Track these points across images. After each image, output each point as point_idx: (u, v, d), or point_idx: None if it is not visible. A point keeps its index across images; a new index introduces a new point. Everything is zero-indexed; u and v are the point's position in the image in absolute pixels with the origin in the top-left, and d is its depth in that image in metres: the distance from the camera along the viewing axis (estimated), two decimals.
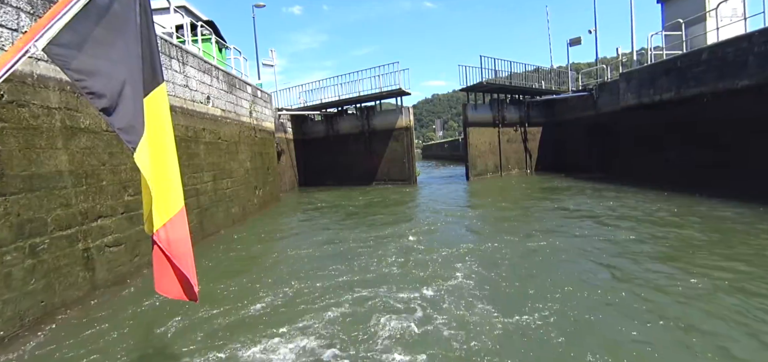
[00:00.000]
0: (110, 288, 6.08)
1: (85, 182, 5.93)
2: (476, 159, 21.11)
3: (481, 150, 21.35)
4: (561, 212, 10.64)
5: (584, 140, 20.00)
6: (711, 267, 5.63)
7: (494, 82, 20.08)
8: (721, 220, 8.34)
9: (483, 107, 21.64)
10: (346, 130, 22.48)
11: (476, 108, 21.41)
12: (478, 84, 20.09)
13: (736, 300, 4.53)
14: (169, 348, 4.28)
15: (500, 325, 4.32)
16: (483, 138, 21.37)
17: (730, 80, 11.40)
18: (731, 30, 13.09)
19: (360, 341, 4.17)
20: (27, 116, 5.05)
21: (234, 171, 11.67)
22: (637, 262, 6.13)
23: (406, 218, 11.24)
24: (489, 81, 19.83)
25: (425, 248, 7.73)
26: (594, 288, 5.21)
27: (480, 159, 21.28)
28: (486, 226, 9.76)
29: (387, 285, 5.75)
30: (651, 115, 14.64)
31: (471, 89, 20.81)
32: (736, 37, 11.52)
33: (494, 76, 20.00)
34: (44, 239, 5.12)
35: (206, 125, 10.19)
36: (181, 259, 1.91)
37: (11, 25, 4.90)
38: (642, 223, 8.64)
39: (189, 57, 9.65)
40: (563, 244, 7.44)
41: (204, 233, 9.50)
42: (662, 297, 4.80)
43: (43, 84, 5.34)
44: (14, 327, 4.60)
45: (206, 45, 13.05)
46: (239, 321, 4.84)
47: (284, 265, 7.24)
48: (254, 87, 14.88)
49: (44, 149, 5.28)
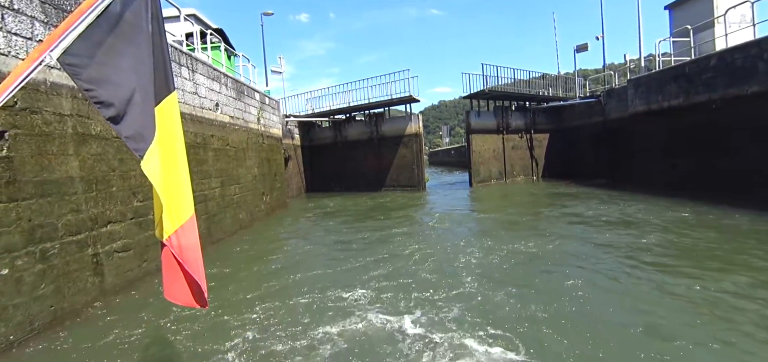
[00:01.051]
0: (119, 293, 6.13)
1: (96, 188, 6.01)
2: (479, 166, 21.19)
3: (485, 157, 21.40)
4: (571, 218, 10.54)
5: (592, 146, 19.88)
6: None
7: (496, 89, 20.15)
8: (734, 227, 8.23)
9: (487, 114, 21.68)
10: (354, 136, 22.61)
11: (479, 115, 21.46)
12: (480, 91, 20.20)
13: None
14: (178, 354, 4.30)
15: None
16: (486, 145, 21.43)
17: (739, 86, 11.29)
18: (740, 36, 12.98)
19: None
20: (40, 123, 5.13)
21: (242, 177, 11.74)
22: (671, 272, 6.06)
23: (416, 221, 11.24)
24: (491, 89, 19.90)
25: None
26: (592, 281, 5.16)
27: (483, 166, 21.34)
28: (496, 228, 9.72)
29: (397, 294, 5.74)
30: (659, 121, 14.53)
31: (473, 97, 20.90)
32: (746, 43, 11.42)
33: (496, 83, 20.07)
34: (55, 244, 5.18)
35: (215, 132, 10.28)
36: (192, 265, 1.92)
37: (25, 34, 5.00)
38: (666, 230, 8.52)
39: (198, 65, 9.76)
40: (573, 249, 7.38)
41: (212, 239, 9.55)
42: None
43: (56, 91, 5.43)
44: (24, 332, 4.65)
45: (215, 53, 13.20)
46: (247, 325, 4.84)
47: (292, 269, 7.24)
48: (262, 94, 15.00)
49: (56, 155, 5.36)
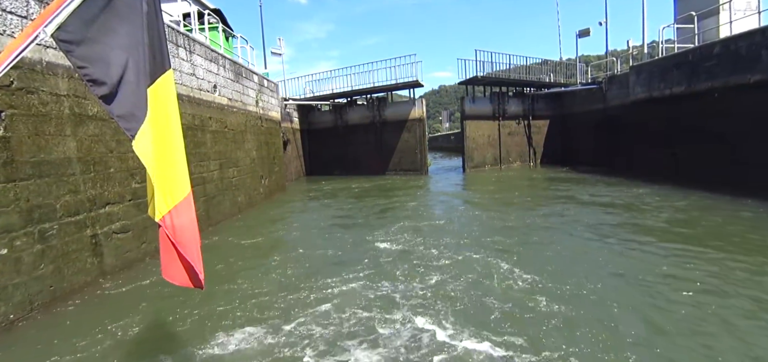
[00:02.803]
0: (118, 274, 6.17)
1: (93, 169, 5.99)
2: (473, 151, 21.34)
3: (479, 143, 21.52)
4: (556, 193, 10.59)
5: (592, 133, 19.82)
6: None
7: (490, 76, 20.12)
8: (734, 214, 8.27)
9: (482, 100, 21.66)
10: (355, 120, 22.56)
11: (474, 101, 21.44)
12: (473, 78, 20.18)
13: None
14: (177, 334, 4.35)
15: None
16: (481, 131, 21.51)
17: (742, 75, 11.20)
18: (745, 23, 12.84)
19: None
20: (36, 103, 5.10)
21: (240, 160, 11.72)
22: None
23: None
24: (485, 75, 19.87)
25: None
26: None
27: (477, 152, 21.47)
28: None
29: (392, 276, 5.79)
30: (661, 109, 14.46)
31: (468, 83, 20.90)
32: (750, 31, 11.30)
33: (491, 69, 20.02)
34: (53, 224, 5.19)
35: (213, 114, 10.22)
36: (187, 246, 1.92)
37: (20, 12, 4.93)
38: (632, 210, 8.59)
39: (196, 45, 9.65)
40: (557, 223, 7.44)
41: (210, 222, 9.57)
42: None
43: (52, 71, 5.38)
44: (24, 310, 4.69)
45: (213, 33, 13.02)
46: (245, 305, 4.88)
47: (290, 250, 7.29)
48: (260, 76, 14.87)
49: (53, 135, 5.33)
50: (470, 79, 20.39)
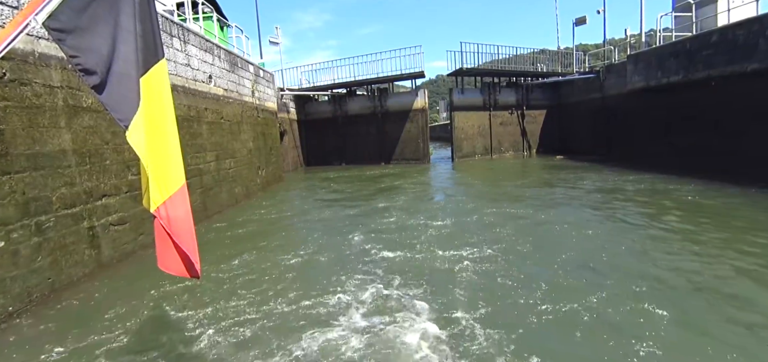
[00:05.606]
0: (116, 265, 6.17)
1: (89, 161, 5.96)
2: (462, 142, 21.50)
3: (469, 134, 21.65)
4: (540, 179, 10.63)
5: (589, 122, 19.83)
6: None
7: (477, 67, 20.22)
8: (731, 203, 8.33)
9: (472, 91, 21.67)
10: (356, 111, 22.47)
11: (463, 92, 21.45)
12: (458, 70, 20.22)
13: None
14: (175, 324, 4.36)
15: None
16: (470, 122, 21.62)
17: (739, 64, 11.20)
18: (742, 12, 12.80)
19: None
20: (29, 95, 5.05)
21: (237, 151, 11.68)
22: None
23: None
24: (470, 67, 19.98)
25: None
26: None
27: (467, 142, 21.62)
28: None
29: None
30: (658, 98, 14.46)
31: (455, 74, 20.93)
32: (747, 20, 11.28)
33: (478, 60, 20.12)
34: (49, 217, 5.18)
35: (208, 105, 10.16)
36: (182, 236, 1.92)
37: (11, 3, 4.86)
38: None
39: (190, 35, 9.56)
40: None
41: (207, 213, 9.56)
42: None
43: (45, 63, 5.32)
44: (23, 303, 4.70)
45: (207, 23, 12.90)
46: (242, 295, 4.90)
47: (288, 239, 7.30)
48: (256, 66, 14.76)
49: (47, 127, 5.29)
50: (456, 70, 20.46)
